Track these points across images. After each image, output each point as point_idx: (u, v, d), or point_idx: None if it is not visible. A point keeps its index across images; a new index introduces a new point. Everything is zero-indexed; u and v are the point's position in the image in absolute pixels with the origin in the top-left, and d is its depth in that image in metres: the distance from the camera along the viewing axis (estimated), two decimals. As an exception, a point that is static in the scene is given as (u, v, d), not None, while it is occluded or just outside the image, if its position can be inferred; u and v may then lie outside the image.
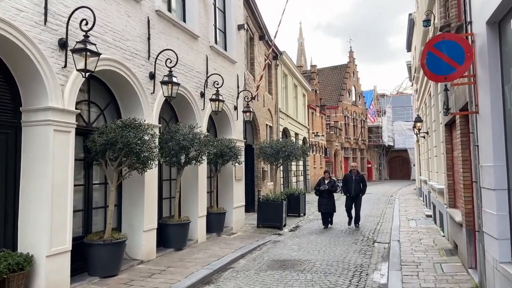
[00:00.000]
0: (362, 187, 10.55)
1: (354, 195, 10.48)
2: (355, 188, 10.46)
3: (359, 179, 10.57)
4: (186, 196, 8.48)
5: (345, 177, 10.93)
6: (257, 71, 14.41)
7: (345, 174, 11.09)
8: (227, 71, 10.16)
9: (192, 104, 8.32)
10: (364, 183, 10.59)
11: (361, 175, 10.72)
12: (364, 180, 10.66)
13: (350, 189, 10.53)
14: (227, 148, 9.12)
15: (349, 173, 10.82)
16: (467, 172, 5.68)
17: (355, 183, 10.47)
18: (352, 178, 10.57)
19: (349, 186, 10.54)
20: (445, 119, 7.47)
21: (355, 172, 10.74)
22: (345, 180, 10.82)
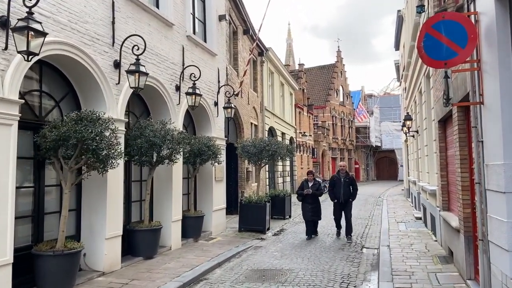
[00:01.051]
0: (352, 190, 8.91)
1: (343, 201, 8.77)
2: (344, 192, 8.76)
3: (348, 181, 8.87)
4: (159, 199, 7.75)
5: (332, 179, 9.22)
6: (241, 67, 13.74)
7: (332, 176, 9.33)
8: (206, 64, 9.46)
9: (165, 98, 7.59)
10: (354, 186, 8.97)
11: (351, 176, 9.07)
12: (354, 182, 9.02)
13: (338, 194, 8.80)
14: (205, 147, 8.42)
15: (337, 174, 9.09)
16: (465, 172, 5.12)
17: (344, 186, 8.80)
18: (341, 180, 8.84)
19: (337, 190, 8.82)
20: (438, 115, 6.92)
21: (343, 173, 9.01)
22: (332, 182, 9.09)
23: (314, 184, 9.22)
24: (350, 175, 9.06)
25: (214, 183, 9.64)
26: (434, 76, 7.39)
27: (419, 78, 10.32)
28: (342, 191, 8.77)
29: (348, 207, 8.89)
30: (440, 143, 7.07)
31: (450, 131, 6.46)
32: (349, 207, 8.91)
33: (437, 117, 7.12)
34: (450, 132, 6.47)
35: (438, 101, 6.91)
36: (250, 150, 10.15)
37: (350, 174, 9.04)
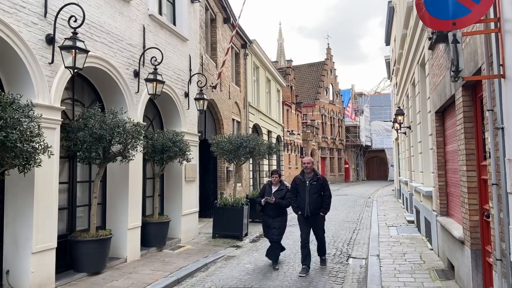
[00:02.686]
0: (323, 198, 6.11)
1: (310, 213, 6.01)
2: (311, 200, 6.01)
3: (316, 184, 6.09)
4: (113, 203, 6.65)
5: (293, 183, 6.37)
6: (220, 58, 12.67)
7: (294, 178, 6.48)
8: (175, 50, 8.37)
9: (120, 84, 6.49)
10: (326, 191, 6.16)
11: (321, 177, 6.26)
12: (325, 186, 6.19)
13: (302, 204, 6.07)
14: (170, 142, 7.33)
15: (301, 175, 6.30)
16: (472, 170, 4.15)
17: (311, 192, 6.04)
18: (306, 183, 6.11)
19: (301, 199, 6.11)
20: (435, 105, 5.96)
21: (310, 173, 6.20)
22: (294, 187, 6.32)
23: (279, 190, 6.43)
24: (319, 176, 6.23)
25: (184, 184, 8.56)
26: (430, 60, 6.44)
27: (412, 67, 9.39)
28: (307, 200, 6.01)
29: (318, 222, 6.18)
30: (437, 138, 6.11)
31: (450, 123, 5.51)
32: (320, 223, 6.21)
33: (434, 108, 6.16)
34: (450, 124, 5.51)
35: (435, 89, 5.95)
36: (225, 146, 9.09)
37: (319, 175, 6.27)
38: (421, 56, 7.67)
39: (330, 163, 37.31)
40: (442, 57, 5.23)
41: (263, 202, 6.33)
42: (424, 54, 7.21)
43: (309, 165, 6.24)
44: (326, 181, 6.30)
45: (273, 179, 6.60)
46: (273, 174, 6.68)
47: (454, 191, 5.46)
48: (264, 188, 6.67)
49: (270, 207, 6.35)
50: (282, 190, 6.47)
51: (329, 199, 6.19)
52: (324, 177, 6.41)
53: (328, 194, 6.19)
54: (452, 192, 5.62)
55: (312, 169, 6.24)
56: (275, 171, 6.73)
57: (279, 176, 6.66)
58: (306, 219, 6.10)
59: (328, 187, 6.23)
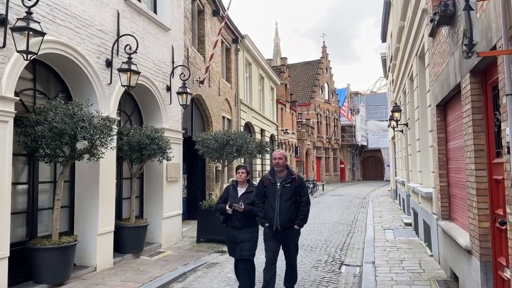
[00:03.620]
0: (300, 206, 4.54)
1: (280, 226, 4.47)
2: (282, 209, 4.46)
3: (290, 187, 4.53)
4: (82, 206, 6.02)
5: (260, 185, 4.74)
6: (209, 52, 12.04)
7: (262, 178, 4.82)
8: (155, 39, 7.76)
9: (89, 75, 5.86)
10: (303, 197, 4.57)
11: (297, 178, 4.63)
12: (302, 189, 4.62)
13: (271, 213, 4.52)
14: (147, 139, 6.72)
15: (270, 175, 4.68)
16: (482, 169, 3.58)
17: (282, 198, 4.49)
18: (276, 186, 4.54)
19: (270, 206, 4.54)
20: (437, 98, 5.39)
21: (282, 171, 4.63)
22: (260, 190, 4.68)
23: (248, 192, 4.80)
24: (294, 176, 4.60)
25: (166, 185, 7.95)
26: (431, 49, 5.87)
27: (410, 61, 8.84)
28: (277, 207, 4.44)
29: (291, 238, 4.59)
30: (438, 134, 5.55)
31: (453, 117, 4.94)
32: (293, 239, 4.62)
33: (434, 101, 5.60)
34: (453, 118, 4.95)
35: (436, 80, 5.39)
36: (210, 144, 8.49)
37: (294, 174, 4.63)
38: (419, 46, 7.12)
39: (326, 163, 36.79)
40: (445, 42, 4.67)
41: (230, 210, 4.63)
42: (423, 44, 6.65)
43: (281, 161, 4.55)
44: (304, 183, 4.69)
45: (239, 178, 4.82)
46: (238, 171, 4.87)
47: (457, 192, 4.90)
48: (227, 191, 4.90)
49: (237, 216, 4.65)
50: (252, 192, 4.78)
51: (306, 207, 4.52)
52: (301, 177, 4.77)
53: (306, 200, 4.52)
54: (455, 194, 5.06)
55: (285, 166, 4.61)
56: (241, 167, 4.95)
57: (246, 173, 4.87)
58: (275, 234, 4.49)
59: (306, 192, 4.62)
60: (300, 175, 4.92)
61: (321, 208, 14.98)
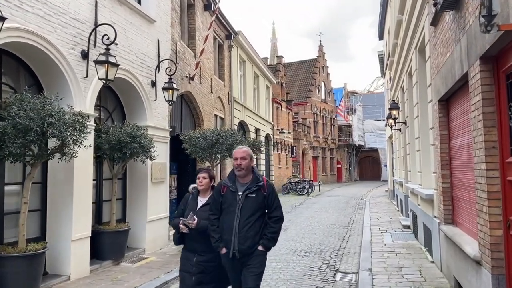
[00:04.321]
0: (270, 222, 3.38)
1: (240, 252, 3.25)
2: (243, 228, 3.26)
3: (256, 198, 3.34)
4: (55, 209, 5.54)
5: (216, 193, 3.45)
6: (200, 48, 11.58)
7: (218, 185, 3.50)
8: (139, 31, 7.29)
9: (62, 67, 5.39)
10: (274, 211, 3.40)
11: (265, 184, 3.38)
12: (273, 200, 3.41)
13: (228, 233, 3.30)
14: (128, 137, 6.25)
15: (229, 181, 3.41)
16: (493, 169, 3.15)
17: (244, 213, 3.29)
18: (236, 196, 3.34)
19: (227, 224, 3.33)
20: (439, 92, 4.96)
21: (245, 175, 3.38)
22: (216, 201, 3.42)
23: (208, 203, 3.55)
24: (262, 182, 3.38)
25: (150, 186, 7.48)
26: (432, 40, 5.45)
27: (408, 55, 8.42)
28: (237, 226, 3.27)
29: (251, 267, 3.29)
30: (441, 131, 5.12)
31: (458, 112, 4.52)
32: (253, 269, 3.29)
33: (436, 95, 5.17)
34: (458, 113, 4.52)
35: (439, 72, 4.96)
36: (199, 143, 8.03)
37: (261, 180, 3.40)
38: (419, 39, 6.70)
39: (322, 163, 36.40)
40: (449, 29, 4.24)
41: (185, 229, 3.42)
42: (423, 35, 6.23)
43: (244, 162, 3.30)
44: (275, 192, 3.41)
45: (200, 184, 3.60)
46: (198, 175, 3.63)
47: (463, 195, 4.47)
48: (185, 201, 3.69)
49: (195, 235, 3.42)
50: None
51: (278, 223, 3.34)
52: (272, 184, 3.46)
53: (278, 216, 3.35)
54: (460, 196, 4.63)
55: (250, 169, 3.36)
56: (202, 170, 3.69)
57: (209, 178, 3.63)
58: (233, 263, 3.29)
59: (278, 203, 3.39)
60: (270, 182, 3.52)
61: (316, 209, 14.55)
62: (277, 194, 3.49)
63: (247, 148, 3.48)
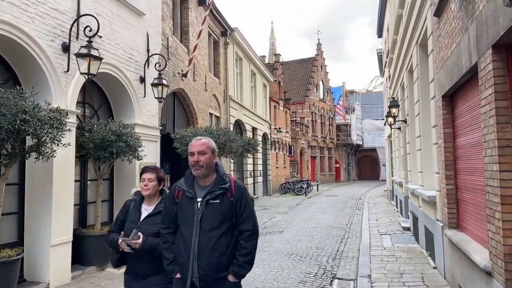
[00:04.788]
0: (241, 239, 2.47)
1: (201, 281, 2.38)
2: (204, 246, 2.39)
3: (221, 204, 2.45)
4: (33, 212, 5.19)
5: (169, 199, 2.58)
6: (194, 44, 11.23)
7: (172, 189, 2.60)
8: (126, 24, 6.94)
9: (40, 60, 5.03)
10: (246, 222, 2.47)
11: (233, 186, 2.49)
12: (244, 207, 2.48)
13: (183, 255, 2.43)
14: (113, 135, 5.90)
15: (185, 183, 2.53)
16: (508, 170, 2.82)
17: (205, 225, 2.42)
18: (195, 202, 2.46)
19: (182, 241, 2.46)
20: (443, 87, 4.63)
21: (206, 176, 2.50)
22: (168, 211, 2.57)
23: (157, 213, 2.74)
24: (228, 183, 2.50)
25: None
26: (436, 32, 5.12)
27: (409, 51, 8.09)
28: (195, 245, 2.41)
29: None
30: (445, 129, 4.79)
31: (465, 108, 4.18)
32: None
33: (440, 91, 4.84)
34: (464, 110, 4.19)
35: (443, 65, 4.63)
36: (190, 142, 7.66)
37: (228, 180, 2.52)
38: (421, 33, 6.37)
39: (320, 162, 36.10)
40: (456, 18, 3.91)
41: (127, 248, 2.65)
42: (425, 28, 5.90)
43: (204, 157, 2.48)
44: (246, 196, 2.53)
45: (143, 189, 2.83)
46: (142, 176, 2.85)
47: (469, 198, 4.14)
48: (125, 210, 2.91)
49: (139, 256, 2.66)
50: None
51: (251, 240, 2.48)
52: (242, 186, 2.57)
53: (251, 228, 2.48)
54: (466, 199, 4.31)
55: (212, 167, 2.53)
56: (148, 169, 2.88)
57: (157, 180, 2.84)
58: None
59: (249, 211, 2.51)
60: (240, 183, 2.58)
61: (314, 210, 14.23)
62: (249, 199, 2.54)
63: (207, 139, 2.60)
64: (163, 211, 2.65)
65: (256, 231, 2.53)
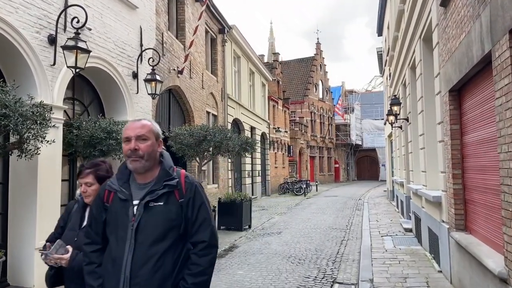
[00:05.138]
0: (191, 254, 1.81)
1: None
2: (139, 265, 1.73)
3: (165, 207, 1.79)
4: (17, 214, 4.91)
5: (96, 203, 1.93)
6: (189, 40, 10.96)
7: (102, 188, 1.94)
8: (118, 17, 6.67)
9: (24, 52, 4.76)
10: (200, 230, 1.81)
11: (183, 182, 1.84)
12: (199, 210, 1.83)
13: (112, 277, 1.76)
14: (102, 133, 5.62)
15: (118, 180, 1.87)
16: (527, 168, 2.56)
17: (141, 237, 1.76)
18: (129, 207, 1.80)
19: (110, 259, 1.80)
20: (450, 81, 4.37)
21: (146, 171, 1.83)
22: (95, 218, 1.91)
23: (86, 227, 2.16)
24: (175, 180, 1.83)
25: (131, 187, 6.86)
26: (442, 22, 4.86)
27: (411, 47, 7.84)
28: (127, 264, 1.74)
29: None
30: (452, 125, 4.53)
31: (474, 102, 3.92)
32: None
33: (447, 85, 4.58)
34: (474, 104, 3.93)
35: (451, 57, 4.37)
36: (185, 140, 7.41)
37: (175, 175, 1.85)
38: (425, 26, 6.11)
39: (320, 162, 35.85)
40: (465, 5, 3.65)
41: (45, 260, 2.15)
42: (430, 21, 5.64)
43: (144, 145, 1.82)
44: (201, 196, 1.89)
45: (83, 192, 2.26)
46: (79, 180, 2.29)
47: (479, 198, 3.88)
48: (67, 214, 2.40)
49: (77, 273, 2.01)
50: None
51: (207, 255, 1.81)
52: (195, 182, 1.91)
53: (206, 241, 1.82)
54: (475, 200, 4.05)
55: (155, 157, 1.87)
56: (84, 169, 2.28)
57: (98, 180, 2.22)
58: None
59: (205, 215, 1.86)
60: (192, 178, 1.93)
61: (313, 211, 13.98)
62: (205, 199, 1.88)
63: (148, 121, 1.90)
64: (87, 221, 2.00)
65: (214, 243, 1.83)
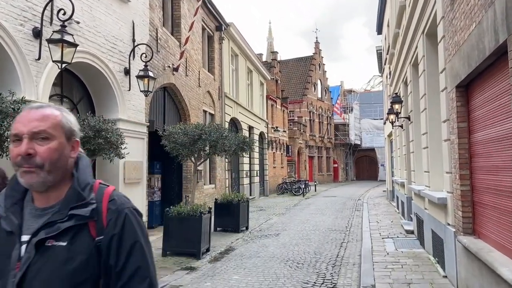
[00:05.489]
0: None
1: None
2: None
3: (68, 250, 1.03)
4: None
5: None
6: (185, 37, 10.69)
7: None
8: (109, 11, 6.40)
9: (6, 47, 4.49)
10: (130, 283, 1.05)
11: (103, 209, 1.08)
12: (127, 256, 1.06)
13: None
14: (91, 131, 5.35)
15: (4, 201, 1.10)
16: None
17: None
18: (16, 247, 1.05)
19: None
20: (458, 76, 4.12)
21: (38, 179, 1.04)
22: None
23: None
24: (90, 206, 1.07)
25: (123, 188, 6.61)
26: (449, 14, 4.60)
27: (413, 43, 7.59)
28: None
29: None
30: (459, 123, 4.28)
31: (483, 98, 3.67)
32: None
33: (454, 80, 4.32)
34: (484, 100, 3.67)
35: (459, 51, 4.11)
36: (179, 139, 7.14)
37: (92, 197, 1.09)
38: (428, 20, 5.86)
39: (318, 162, 35.62)
40: (476, -7, 3.39)
41: None
42: (434, 14, 5.39)
43: (44, 148, 1.05)
44: (135, 229, 1.09)
45: None
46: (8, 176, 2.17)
47: (489, 200, 3.63)
48: None
49: None
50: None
51: None
52: (125, 208, 1.11)
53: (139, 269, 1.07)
54: (485, 202, 3.80)
55: (63, 167, 1.09)
56: None
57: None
58: None
59: (141, 261, 1.08)
60: (121, 200, 1.14)
61: (312, 211, 13.73)
62: (140, 236, 1.11)
63: (55, 108, 1.13)
64: None
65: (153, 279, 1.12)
